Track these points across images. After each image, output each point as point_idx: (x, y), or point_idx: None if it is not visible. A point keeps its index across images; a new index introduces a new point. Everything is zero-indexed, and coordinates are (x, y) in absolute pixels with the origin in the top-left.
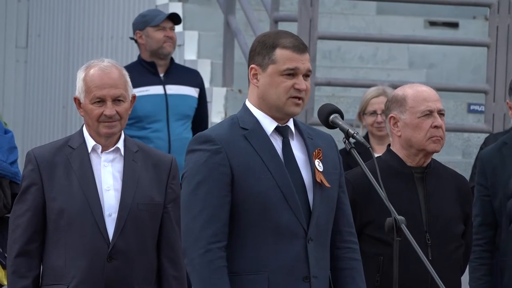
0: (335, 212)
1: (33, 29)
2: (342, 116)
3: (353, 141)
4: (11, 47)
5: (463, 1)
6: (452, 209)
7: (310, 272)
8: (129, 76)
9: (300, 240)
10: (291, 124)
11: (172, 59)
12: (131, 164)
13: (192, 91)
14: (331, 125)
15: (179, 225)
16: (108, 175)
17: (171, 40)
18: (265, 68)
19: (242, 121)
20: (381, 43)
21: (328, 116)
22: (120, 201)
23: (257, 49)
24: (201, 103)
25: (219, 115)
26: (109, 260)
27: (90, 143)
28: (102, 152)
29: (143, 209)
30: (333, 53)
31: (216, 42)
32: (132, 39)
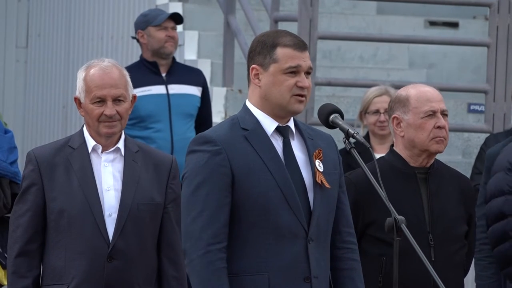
0: (334, 213)
1: (33, 29)
2: (342, 116)
3: (353, 141)
4: (11, 47)
5: (463, 1)
6: (455, 209)
7: (311, 272)
8: (131, 75)
9: (300, 241)
10: (291, 124)
11: (174, 59)
12: (131, 164)
13: (194, 90)
14: (331, 125)
15: (179, 225)
16: (108, 175)
17: (172, 40)
18: (266, 68)
19: (243, 122)
20: (381, 43)
21: (328, 116)
22: (120, 201)
23: (257, 49)
24: (204, 102)
25: (219, 115)
26: (109, 260)
27: (90, 143)
28: (102, 152)
29: (143, 209)
30: (333, 53)
31: (216, 42)
32: (134, 38)
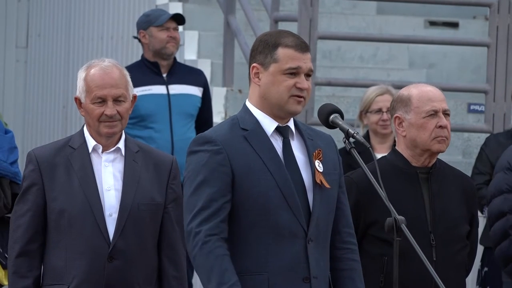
0: (334, 213)
1: (33, 29)
2: (342, 116)
3: (353, 141)
4: (11, 47)
5: (463, 1)
6: (457, 209)
7: (310, 272)
8: (131, 75)
9: (300, 241)
10: (291, 124)
11: (175, 59)
12: (131, 164)
13: (195, 90)
14: (331, 125)
15: (179, 225)
16: (109, 175)
17: (174, 40)
18: (267, 67)
19: (243, 122)
20: (381, 43)
21: (328, 116)
22: (121, 201)
23: (259, 48)
24: (205, 102)
25: (219, 115)
26: (110, 260)
27: (90, 143)
28: (102, 152)
29: (144, 209)
30: (333, 53)
31: (216, 42)
32: (135, 38)
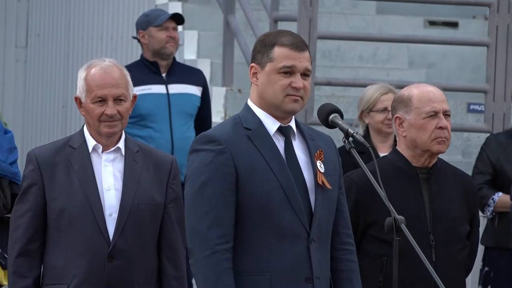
0: (335, 214)
1: (33, 28)
2: (341, 116)
3: (353, 141)
4: (10, 46)
5: (463, 0)
6: (458, 209)
7: (312, 273)
8: (131, 74)
9: (302, 241)
10: (293, 124)
11: (175, 59)
12: (131, 164)
13: (195, 90)
14: (331, 125)
15: (179, 225)
16: (109, 175)
17: (173, 40)
18: (263, 67)
19: (245, 121)
20: (381, 42)
21: (327, 115)
22: (121, 201)
23: (257, 48)
24: (204, 102)
25: (219, 115)
26: (110, 260)
27: (90, 143)
28: (102, 152)
29: (144, 209)
30: (333, 52)
31: (216, 42)
32: (135, 38)
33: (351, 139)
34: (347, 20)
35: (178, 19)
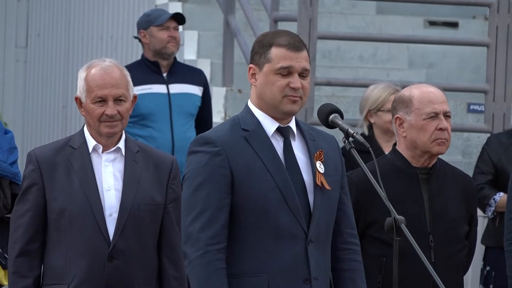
0: (336, 214)
1: (33, 28)
2: (342, 116)
3: (353, 141)
4: (10, 46)
5: (463, 0)
6: (457, 210)
7: (310, 273)
8: (131, 74)
9: (300, 242)
10: (292, 124)
11: (175, 58)
12: (132, 164)
13: (195, 90)
14: (331, 125)
15: (179, 225)
16: (109, 175)
17: (174, 40)
18: (261, 67)
19: (244, 122)
20: (380, 42)
21: (327, 116)
22: (121, 201)
23: (255, 48)
24: (205, 102)
25: (219, 115)
26: (110, 260)
27: (91, 143)
28: (103, 152)
29: (144, 209)
30: (333, 52)
31: (216, 42)
32: (136, 38)
33: (351, 139)
34: (347, 20)
35: (179, 18)
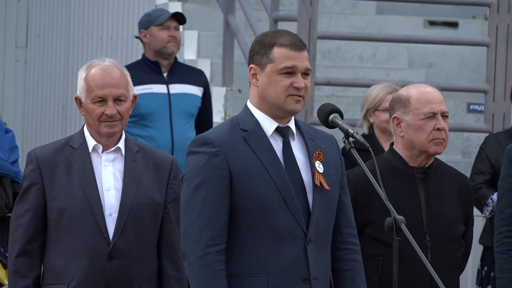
0: (336, 213)
1: (33, 28)
2: (341, 116)
3: (353, 141)
4: (10, 46)
5: (463, 0)
6: (453, 210)
7: (310, 273)
8: (131, 74)
9: (299, 242)
10: (292, 124)
11: (176, 59)
12: (132, 164)
13: (196, 90)
14: (331, 125)
15: (179, 225)
16: (109, 174)
17: (175, 40)
18: (263, 68)
19: (243, 123)
20: (380, 42)
21: (327, 115)
22: (121, 200)
23: (255, 48)
24: (205, 102)
25: (218, 115)
26: (110, 259)
27: (91, 143)
28: (103, 152)
29: (144, 209)
30: (333, 52)
31: (216, 42)
32: (137, 38)
33: (351, 139)
34: (347, 20)
35: (179, 18)
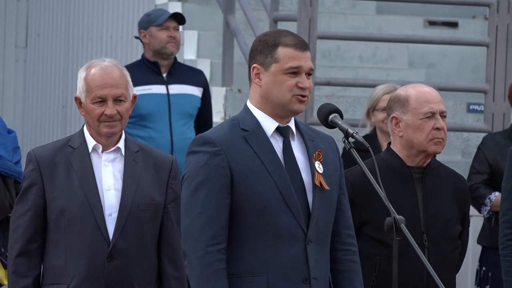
0: (334, 214)
1: (33, 28)
2: (341, 116)
3: (353, 141)
4: (10, 46)
5: (463, 0)
6: (450, 210)
7: (310, 273)
8: (131, 74)
9: (299, 242)
10: (292, 124)
11: (176, 59)
12: (131, 164)
13: (195, 91)
14: (331, 125)
15: (179, 225)
16: (109, 174)
17: (174, 40)
18: (268, 67)
19: (243, 122)
20: (380, 42)
21: (327, 115)
22: (121, 200)
23: (258, 48)
24: (205, 103)
25: (218, 115)
26: (109, 259)
27: (90, 143)
28: (102, 152)
29: (144, 209)
30: (333, 52)
31: (216, 42)
32: (137, 38)
33: (351, 139)
34: (347, 20)
35: (179, 18)
